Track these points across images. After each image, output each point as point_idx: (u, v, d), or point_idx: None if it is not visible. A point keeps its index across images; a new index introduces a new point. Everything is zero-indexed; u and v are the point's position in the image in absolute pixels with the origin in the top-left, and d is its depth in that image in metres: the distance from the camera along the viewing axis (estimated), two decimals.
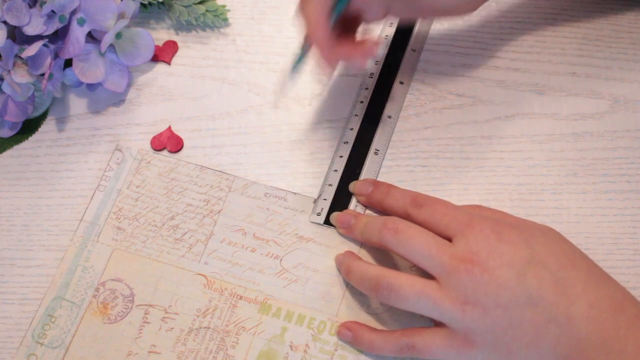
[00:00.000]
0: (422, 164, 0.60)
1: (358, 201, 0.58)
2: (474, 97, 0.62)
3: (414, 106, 0.62)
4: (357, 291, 0.55)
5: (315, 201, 0.58)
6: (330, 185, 0.59)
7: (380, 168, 0.60)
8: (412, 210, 0.53)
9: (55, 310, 0.56)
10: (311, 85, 0.63)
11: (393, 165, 0.60)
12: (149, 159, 0.60)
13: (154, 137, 0.62)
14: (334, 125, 0.62)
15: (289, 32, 0.66)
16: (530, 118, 0.61)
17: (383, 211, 0.56)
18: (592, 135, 0.60)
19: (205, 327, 0.55)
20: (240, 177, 0.60)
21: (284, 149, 0.61)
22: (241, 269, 0.57)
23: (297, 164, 0.60)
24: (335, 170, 0.59)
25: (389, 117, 0.61)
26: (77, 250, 0.57)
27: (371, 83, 0.62)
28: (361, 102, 0.61)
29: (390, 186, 0.57)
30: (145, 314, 0.56)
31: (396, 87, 0.62)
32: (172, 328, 0.55)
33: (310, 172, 0.60)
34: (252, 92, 0.63)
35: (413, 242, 0.50)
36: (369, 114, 0.61)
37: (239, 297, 0.56)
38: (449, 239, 0.50)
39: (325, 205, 0.58)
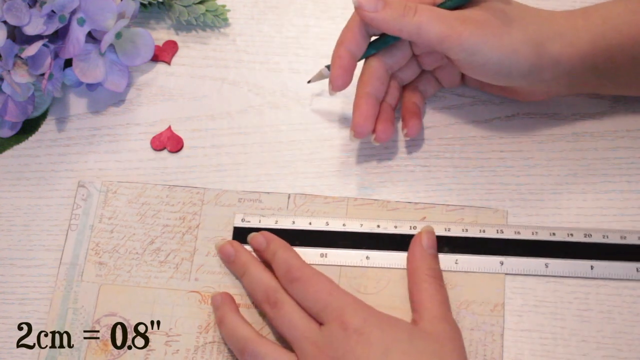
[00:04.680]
0: (422, 164, 0.60)
1: None
2: (474, 97, 0.62)
3: None
4: (350, 282, 0.55)
5: None
6: None
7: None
8: (286, 284, 0.53)
9: (55, 358, 0.54)
10: (311, 85, 0.63)
11: (393, 165, 0.60)
12: (114, 189, 0.60)
13: (154, 137, 0.62)
14: (334, 126, 0.62)
15: (289, 32, 0.66)
16: (531, 118, 0.61)
17: None
18: (592, 135, 0.60)
19: (210, 342, 0.55)
20: (210, 189, 0.59)
21: (284, 149, 0.61)
22: (232, 278, 0.56)
23: (297, 164, 0.60)
24: None
25: None
26: (63, 294, 0.56)
27: None
28: None
29: (277, 247, 0.55)
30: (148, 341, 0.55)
31: None
32: (178, 350, 0.54)
33: (310, 172, 0.60)
34: (252, 92, 0.63)
35: (285, 320, 0.51)
36: None
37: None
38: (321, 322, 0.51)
39: None
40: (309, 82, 0.60)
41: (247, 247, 0.57)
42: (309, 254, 0.56)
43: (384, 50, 0.56)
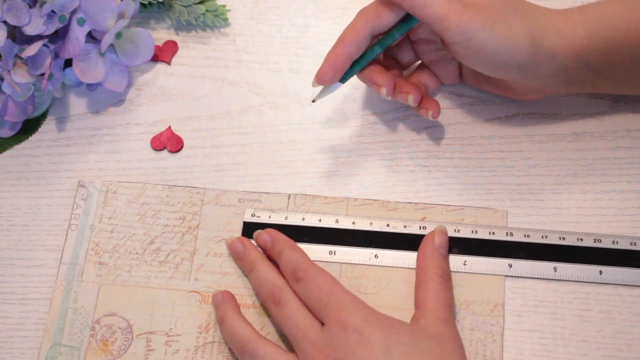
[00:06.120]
0: (422, 164, 0.60)
1: None
2: (474, 97, 0.62)
3: None
4: (350, 282, 0.55)
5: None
6: None
7: None
8: (292, 283, 0.53)
9: (55, 358, 0.54)
10: (311, 85, 0.63)
11: (393, 165, 0.60)
12: (114, 189, 0.60)
13: (154, 137, 0.62)
14: (334, 125, 0.62)
15: (289, 32, 0.66)
16: (531, 118, 0.61)
17: None
18: (592, 135, 0.60)
19: (210, 342, 0.55)
20: (210, 189, 0.59)
21: (284, 149, 0.61)
22: (232, 278, 0.57)
23: (297, 164, 0.60)
24: None
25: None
26: (63, 294, 0.56)
27: None
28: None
29: (283, 246, 0.55)
30: (148, 342, 0.55)
31: None
32: (178, 350, 0.54)
33: (310, 172, 0.60)
34: (252, 92, 0.63)
35: (287, 319, 0.51)
36: None
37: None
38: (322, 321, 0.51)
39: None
40: (313, 101, 0.58)
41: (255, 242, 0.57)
42: (318, 251, 0.56)
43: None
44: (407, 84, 0.57)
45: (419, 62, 0.61)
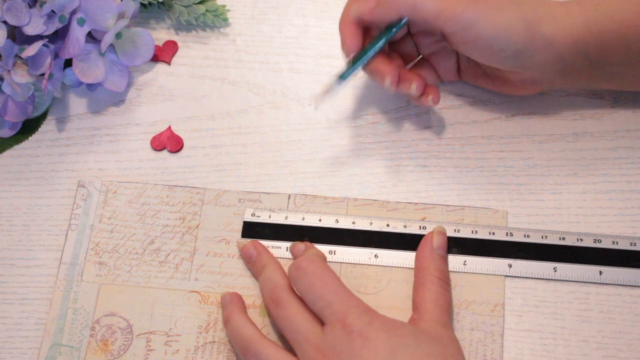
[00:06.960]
0: (422, 164, 0.60)
1: None
2: (474, 97, 0.62)
3: (414, 106, 0.62)
4: (350, 282, 0.55)
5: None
6: None
7: None
8: (291, 272, 0.52)
9: (55, 358, 0.54)
10: (311, 85, 0.63)
11: (393, 165, 0.60)
12: (114, 189, 0.60)
13: (154, 137, 0.62)
14: (334, 125, 0.62)
15: (289, 32, 0.66)
16: (530, 118, 0.61)
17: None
18: (592, 135, 0.60)
19: (210, 342, 0.55)
20: (210, 189, 0.59)
21: (284, 149, 0.61)
22: (232, 278, 0.57)
23: (297, 164, 0.60)
24: None
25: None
26: (63, 293, 0.56)
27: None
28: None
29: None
30: (148, 342, 0.55)
31: None
32: (178, 350, 0.55)
33: (310, 172, 0.60)
34: (252, 92, 0.63)
35: (287, 321, 0.51)
36: None
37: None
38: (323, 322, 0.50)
39: None
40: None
41: (264, 242, 0.57)
42: None
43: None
44: (409, 73, 0.57)
45: (419, 57, 0.61)
